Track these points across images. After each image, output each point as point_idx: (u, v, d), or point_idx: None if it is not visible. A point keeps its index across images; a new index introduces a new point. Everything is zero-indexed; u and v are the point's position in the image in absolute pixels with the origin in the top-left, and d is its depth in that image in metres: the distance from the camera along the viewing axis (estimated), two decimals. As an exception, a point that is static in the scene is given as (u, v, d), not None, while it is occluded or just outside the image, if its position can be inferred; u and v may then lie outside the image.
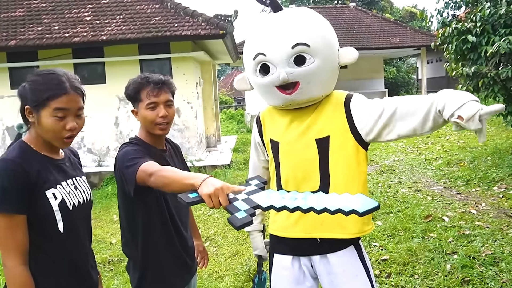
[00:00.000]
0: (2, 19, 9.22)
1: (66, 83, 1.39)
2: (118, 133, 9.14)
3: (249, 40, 1.75)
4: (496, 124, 10.70)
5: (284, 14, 1.70)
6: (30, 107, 1.38)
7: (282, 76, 1.60)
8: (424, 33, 17.46)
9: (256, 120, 1.93)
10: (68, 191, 1.45)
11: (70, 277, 1.45)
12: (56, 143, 1.43)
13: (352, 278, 1.67)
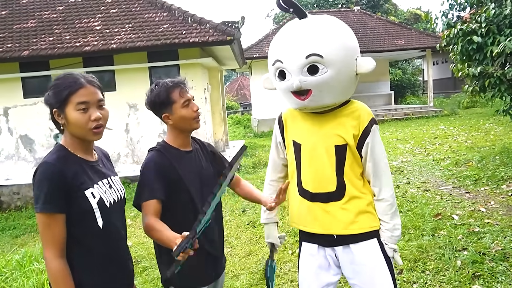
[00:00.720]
0: (15, 30, 9.43)
1: (81, 79, 1.52)
2: (129, 140, 9.28)
3: (271, 45, 1.86)
4: (504, 123, 10.72)
5: (304, 23, 1.78)
6: (56, 110, 1.50)
7: (296, 84, 1.71)
8: (429, 34, 17.52)
9: (278, 120, 2.04)
10: (104, 190, 1.56)
11: (110, 268, 1.56)
12: (87, 136, 1.53)
13: (373, 268, 1.79)
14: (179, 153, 1.88)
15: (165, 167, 1.81)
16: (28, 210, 8.42)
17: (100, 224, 1.51)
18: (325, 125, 1.84)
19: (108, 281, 1.55)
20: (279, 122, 2.03)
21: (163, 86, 1.84)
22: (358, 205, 1.80)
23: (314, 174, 1.82)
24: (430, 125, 13.07)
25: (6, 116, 9.25)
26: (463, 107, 16.07)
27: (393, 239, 1.82)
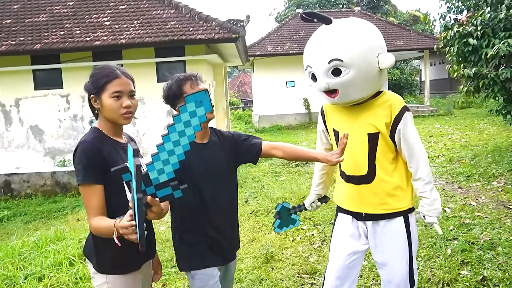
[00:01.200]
0: (27, 24, 9.53)
1: (117, 70, 1.70)
2: (135, 132, 9.42)
3: (305, 50, 2.06)
4: (497, 123, 10.85)
5: (329, 30, 1.95)
6: (94, 96, 1.69)
7: (324, 85, 1.92)
8: (427, 36, 17.62)
9: (321, 111, 2.23)
10: None
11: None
12: (118, 120, 1.70)
13: (393, 241, 2.01)
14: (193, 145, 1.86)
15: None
16: (38, 197, 8.59)
17: (129, 197, 1.67)
18: (359, 116, 2.01)
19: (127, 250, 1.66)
20: (322, 113, 2.22)
21: (175, 80, 1.92)
22: (386, 188, 1.98)
23: (349, 158, 2.01)
24: (426, 124, 13.20)
25: (17, 107, 9.38)
26: (458, 107, 16.18)
27: (432, 212, 1.97)
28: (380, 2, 28.75)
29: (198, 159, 1.89)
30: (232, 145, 2.05)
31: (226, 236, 1.99)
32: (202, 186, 1.89)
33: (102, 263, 1.73)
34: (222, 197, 1.96)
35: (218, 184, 1.94)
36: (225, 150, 2.01)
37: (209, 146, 1.96)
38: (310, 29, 17.99)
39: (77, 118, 9.35)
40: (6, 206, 8.04)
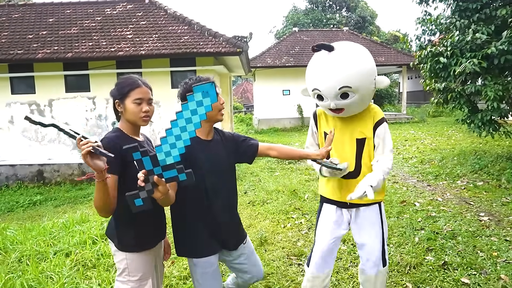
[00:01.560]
0: (60, 35, 9.56)
1: (139, 81, 1.76)
2: (151, 131, 9.45)
3: (308, 75, 2.07)
4: (464, 131, 10.89)
5: (334, 57, 1.93)
6: (118, 101, 1.75)
7: (332, 105, 1.98)
8: (406, 53, 17.64)
9: (313, 115, 2.26)
10: None
11: (148, 222, 1.79)
12: (138, 122, 1.74)
13: (371, 224, 2.14)
14: (200, 140, 1.87)
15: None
16: (66, 185, 8.63)
17: None
18: (349, 124, 2.10)
19: (144, 231, 1.77)
20: (314, 116, 2.25)
21: (190, 81, 1.89)
22: None
23: (340, 158, 2.07)
24: (402, 130, 13.24)
25: (50, 106, 9.41)
26: (430, 116, 16.21)
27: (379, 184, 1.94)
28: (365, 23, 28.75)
29: (203, 154, 1.84)
30: (233, 145, 2.01)
31: (226, 227, 1.92)
32: (205, 179, 1.83)
33: (122, 242, 1.77)
34: (223, 191, 1.90)
35: (220, 179, 1.88)
36: (226, 148, 1.96)
37: (213, 143, 1.91)
38: (304, 45, 18.01)
39: (101, 117, 9.39)
40: (39, 192, 8.09)
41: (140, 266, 1.76)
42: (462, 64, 5.89)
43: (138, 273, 1.75)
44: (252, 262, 2.09)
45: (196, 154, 1.79)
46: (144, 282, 1.76)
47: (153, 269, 1.82)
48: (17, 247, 3.68)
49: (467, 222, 4.03)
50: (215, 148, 1.91)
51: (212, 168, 1.85)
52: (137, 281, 1.74)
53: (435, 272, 2.95)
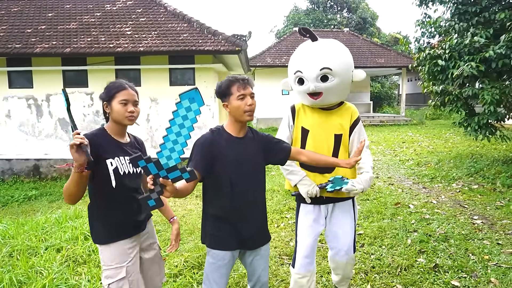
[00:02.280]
0: (59, 30, 9.53)
1: (126, 84, 1.86)
2: (149, 128, 9.44)
3: (292, 59, 2.20)
4: (461, 134, 10.90)
5: (317, 44, 2.13)
6: (106, 102, 1.85)
7: (312, 88, 2.07)
8: (405, 56, 17.65)
9: (291, 108, 2.29)
10: (123, 163, 1.83)
11: (120, 216, 1.83)
12: (123, 121, 1.82)
13: (345, 217, 2.27)
14: (230, 137, 1.85)
15: (212, 146, 1.80)
16: (62, 180, 8.61)
17: (113, 184, 1.78)
18: (328, 119, 2.18)
19: (116, 224, 1.83)
20: (292, 110, 2.28)
21: (227, 80, 1.83)
22: None
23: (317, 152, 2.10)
24: (400, 132, 13.25)
25: (48, 101, 9.39)
26: (429, 118, 16.24)
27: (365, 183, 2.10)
28: (366, 25, 28.74)
29: (232, 150, 1.82)
30: (265, 145, 1.94)
31: (248, 226, 1.87)
32: (232, 175, 1.80)
33: (95, 234, 1.84)
34: (250, 189, 1.86)
35: (247, 176, 1.84)
36: (257, 147, 1.91)
37: (244, 141, 1.86)
38: (304, 45, 18.00)
39: (99, 113, 9.37)
40: (35, 187, 8.07)
41: (112, 256, 1.80)
42: (460, 67, 5.89)
43: (112, 262, 1.80)
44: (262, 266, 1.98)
45: (224, 151, 1.80)
46: (118, 270, 1.79)
47: (131, 258, 1.83)
48: (9, 241, 3.67)
49: (460, 225, 4.03)
50: (245, 145, 1.87)
51: (239, 162, 1.82)
52: (112, 270, 1.79)
53: (426, 275, 2.95)
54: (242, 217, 1.85)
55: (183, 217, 4.65)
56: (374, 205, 4.83)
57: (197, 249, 3.41)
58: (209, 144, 1.80)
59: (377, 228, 3.96)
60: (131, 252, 1.85)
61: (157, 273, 2.04)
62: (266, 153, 1.93)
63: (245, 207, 1.85)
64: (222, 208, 1.84)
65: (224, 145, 1.81)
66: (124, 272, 1.79)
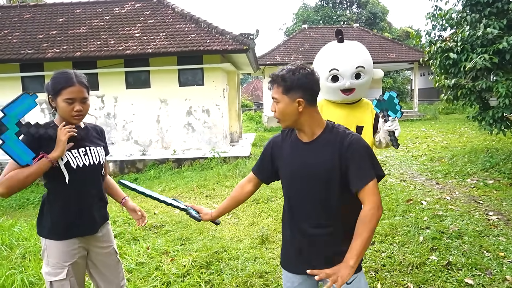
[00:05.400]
0: (69, 34, 9.69)
1: (74, 79, 1.71)
2: (159, 129, 9.51)
3: (324, 58, 2.38)
4: (476, 128, 10.64)
5: (348, 45, 2.35)
6: (51, 96, 1.72)
7: (347, 84, 2.26)
8: (417, 50, 17.35)
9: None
10: (76, 156, 1.75)
11: (73, 212, 1.77)
12: (69, 120, 1.73)
13: None
14: (295, 140, 1.59)
15: (274, 149, 1.64)
16: (76, 182, 8.73)
17: (67, 180, 1.71)
18: (350, 112, 2.36)
19: (70, 221, 1.76)
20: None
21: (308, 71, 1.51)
22: None
23: None
24: (413, 127, 13.03)
25: (60, 105, 9.56)
26: (443, 113, 15.93)
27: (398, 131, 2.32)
28: (376, 20, 28.38)
29: (292, 157, 1.56)
30: (347, 158, 1.48)
31: (313, 245, 1.54)
32: (289, 186, 1.59)
33: (41, 227, 1.78)
34: (309, 201, 1.52)
35: (306, 186, 1.52)
36: (334, 155, 1.48)
37: (312, 146, 1.52)
38: (313, 43, 17.87)
39: (110, 115, 9.49)
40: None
41: (55, 254, 1.75)
42: (473, 60, 5.74)
43: (54, 260, 1.75)
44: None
45: (284, 153, 1.59)
46: (59, 270, 1.74)
47: (74, 260, 1.78)
48: (22, 243, 3.73)
49: (474, 221, 3.93)
50: (313, 150, 1.52)
51: (297, 171, 1.54)
52: (53, 267, 1.75)
53: (438, 272, 2.88)
54: (303, 232, 1.55)
55: (193, 217, 4.66)
56: (385, 202, 4.75)
57: (205, 249, 3.41)
58: (272, 147, 1.66)
59: (388, 225, 3.89)
60: (77, 253, 1.79)
61: (115, 276, 1.96)
62: (344, 168, 1.48)
63: (304, 219, 1.54)
64: (286, 223, 1.64)
65: (286, 151, 1.59)
66: (65, 273, 1.74)
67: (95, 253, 1.89)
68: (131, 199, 2.10)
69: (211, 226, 4.24)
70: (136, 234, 3.92)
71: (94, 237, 1.87)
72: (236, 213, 4.78)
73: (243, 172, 7.03)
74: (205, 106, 9.36)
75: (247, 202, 5.16)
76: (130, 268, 3.08)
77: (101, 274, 1.92)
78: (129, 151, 9.47)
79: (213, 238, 3.83)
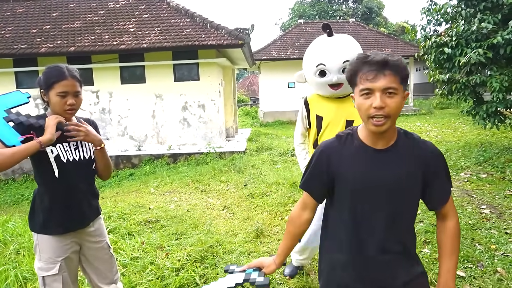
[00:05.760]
0: (63, 29, 9.60)
1: (66, 73, 1.70)
2: (154, 124, 9.48)
3: (312, 53, 2.36)
4: (470, 123, 10.70)
5: (336, 39, 2.33)
6: (43, 91, 1.71)
7: (335, 79, 2.26)
8: (413, 45, 17.38)
9: (304, 101, 2.48)
10: (66, 149, 1.76)
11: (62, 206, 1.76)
12: (62, 114, 1.72)
13: None
14: (362, 148, 1.28)
15: (331, 161, 1.30)
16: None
17: (56, 173, 1.71)
18: (340, 106, 2.35)
19: (60, 216, 1.76)
20: (305, 102, 2.47)
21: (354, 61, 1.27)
22: None
23: (329, 135, 2.17)
24: (408, 122, 13.08)
25: (54, 100, 9.49)
26: (438, 108, 15.98)
27: None
28: (372, 14, 28.36)
29: (364, 168, 1.26)
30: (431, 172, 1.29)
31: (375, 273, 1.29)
32: (356, 200, 1.28)
33: (33, 223, 1.79)
34: (380, 221, 1.26)
35: (380, 200, 1.26)
36: (417, 163, 1.27)
37: (389, 154, 1.27)
38: (309, 37, 17.82)
39: (105, 111, 9.44)
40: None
41: (47, 249, 1.75)
42: (467, 55, 5.76)
43: (46, 255, 1.75)
44: None
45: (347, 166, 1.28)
46: (52, 265, 1.75)
47: (67, 255, 1.78)
48: (16, 239, 3.71)
49: (467, 214, 3.97)
50: (389, 159, 1.26)
51: (372, 185, 1.25)
52: (45, 262, 1.75)
53: (431, 265, 2.91)
54: (367, 258, 1.28)
55: (188, 211, 4.66)
56: (380, 196, 4.77)
57: (200, 243, 3.42)
58: (326, 159, 1.31)
59: (382, 219, 3.91)
60: (69, 248, 1.80)
61: (109, 270, 1.96)
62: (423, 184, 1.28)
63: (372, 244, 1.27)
64: (340, 244, 1.33)
65: (354, 159, 1.27)
66: (57, 268, 1.75)
67: (87, 248, 1.89)
68: None
69: (206, 221, 4.24)
70: (131, 229, 3.92)
71: (86, 231, 1.87)
72: (231, 207, 4.78)
73: (239, 167, 7.04)
74: (201, 101, 9.33)
75: (243, 197, 5.18)
76: (124, 263, 3.08)
77: (94, 268, 1.92)
78: (124, 146, 9.44)
79: (208, 232, 3.84)
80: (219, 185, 6.03)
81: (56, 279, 1.75)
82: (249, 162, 7.69)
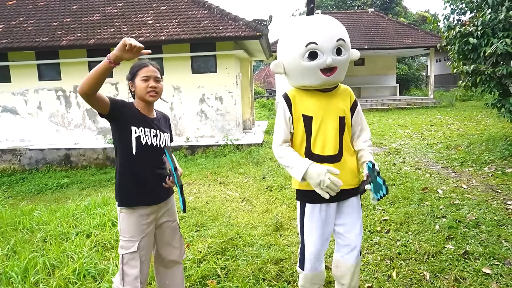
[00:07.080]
0: (83, 22, 9.72)
1: (147, 62, 1.99)
2: (172, 116, 9.56)
3: (299, 32, 1.86)
4: (494, 115, 10.40)
5: (324, 16, 1.90)
6: (130, 81, 1.99)
7: (329, 61, 1.79)
8: (434, 35, 16.87)
9: (285, 98, 1.97)
10: (147, 134, 1.95)
11: (135, 182, 1.94)
12: (145, 97, 1.94)
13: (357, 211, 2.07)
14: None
15: None
16: (92, 169, 8.90)
17: (134, 151, 1.91)
18: (330, 101, 1.94)
19: (137, 189, 1.93)
20: (287, 99, 1.96)
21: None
22: (350, 166, 1.97)
23: (323, 140, 1.91)
24: (428, 115, 12.79)
25: (75, 93, 9.67)
26: (459, 100, 15.56)
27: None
28: (391, 4, 27.64)
29: None
30: None
31: None
32: None
33: (117, 196, 1.96)
34: None
35: None
36: None
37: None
38: (327, 28, 17.53)
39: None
40: (66, 175, 8.40)
41: (129, 228, 1.91)
42: (494, 45, 5.57)
43: (127, 234, 1.91)
44: None
45: None
46: (131, 244, 1.90)
47: (145, 234, 1.94)
48: (43, 227, 3.84)
49: (492, 210, 3.86)
50: None
51: None
52: (126, 241, 1.91)
53: (455, 261, 2.85)
54: None
55: (207, 203, 4.70)
56: (401, 190, 4.70)
57: (220, 235, 3.44)
58: None
59: (403, 213, 3.85)
60: (146, 228, 1.96)
61: (177, 247, 2.15)
62: None
63: None
64: None
65: None
66: (136, 246, 1.89)
67: (163, 227, 2.07)
68: None
69: (225, 213, 4.27)
70: (152, 220, 3.98)
71: (163, 209, 2.04)
72: (250, 200, 4.79)
73: (256, 159, 7.04)
74: (218, 94, 9.34)
75: (261, 190, 5.18)
76: (147, 253, 3.14)
77: (166, 242, 2.10)
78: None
79: (227, 224, 3.86)
80: (237, 178, 6.05)
81: (134, 257, 1.89)
82: (267, 154, 7.67)
